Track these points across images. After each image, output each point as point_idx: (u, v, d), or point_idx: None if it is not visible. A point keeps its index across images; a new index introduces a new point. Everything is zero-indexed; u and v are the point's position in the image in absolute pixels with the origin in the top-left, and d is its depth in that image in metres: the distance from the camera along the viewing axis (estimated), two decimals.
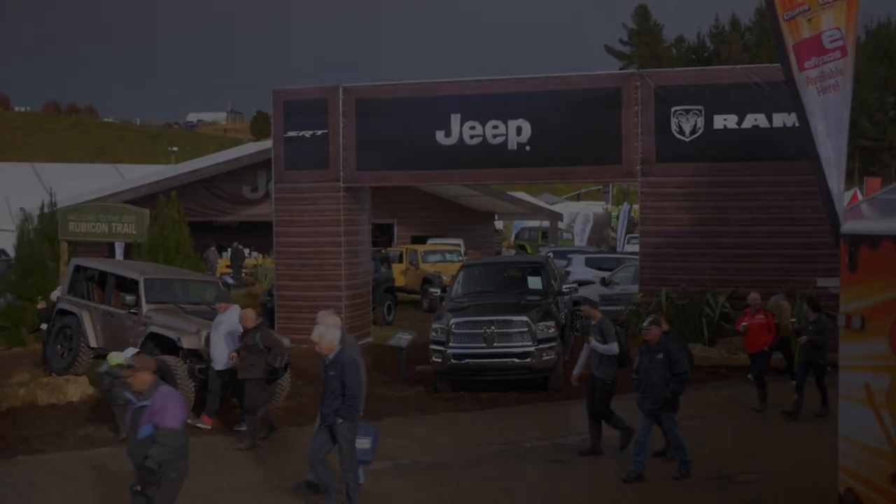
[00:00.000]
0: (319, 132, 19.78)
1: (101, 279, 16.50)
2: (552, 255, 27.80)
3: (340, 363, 8.74)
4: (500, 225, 49.53)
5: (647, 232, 18.63)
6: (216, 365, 12.93)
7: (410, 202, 34.23)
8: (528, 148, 18.69)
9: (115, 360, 12.17)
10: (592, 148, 18.44)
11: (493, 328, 14.80)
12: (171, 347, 13.88)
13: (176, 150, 78.47)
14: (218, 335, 12.95)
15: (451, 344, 14.91)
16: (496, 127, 18.80)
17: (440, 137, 19.10)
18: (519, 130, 18.70)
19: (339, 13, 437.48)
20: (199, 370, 13.36)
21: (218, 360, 12.90)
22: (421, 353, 16.67)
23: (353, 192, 20.08)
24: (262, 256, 36.79)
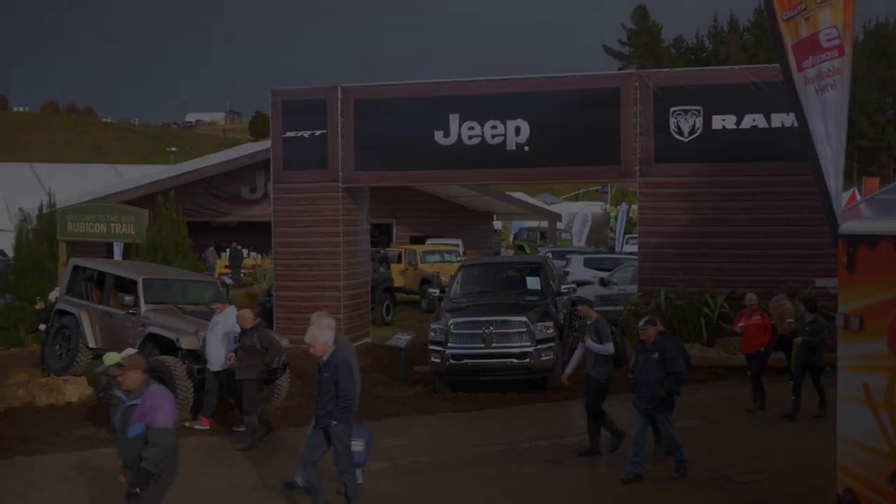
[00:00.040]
0: (318, 132, 19.77)
1: (99, 279, 16.48)
2: (551, 255, 27.83)
3: (334, 364, 8.73)
4: (498, 225, 49.53)
5: (645, 232, 18.63)
6: (212, 366, 12.91)
7: (409, 202, 34.22)
8: (526, 148, 18.70)
9: (111, 360, 12.12)
10: (591, 148, 18.45)
11: (491, 328, 14.81)
12: (169, 348, 13.87)
13: (175, 150, 78.50)
14: (214, 336, 12.94)
15: (449, 344, 14.91)
16: (495, 127, 18.81)
17: (439, 138, 19.10)
18: (517, 131, 18.70)
19: (338, 13, 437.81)
20: (197, 370, 13.35)
21: (214, 360, 12.88)
22: (420, 353, 16.67)
23: (351, 192, 20.08)
24: (260, 257, 36.77)
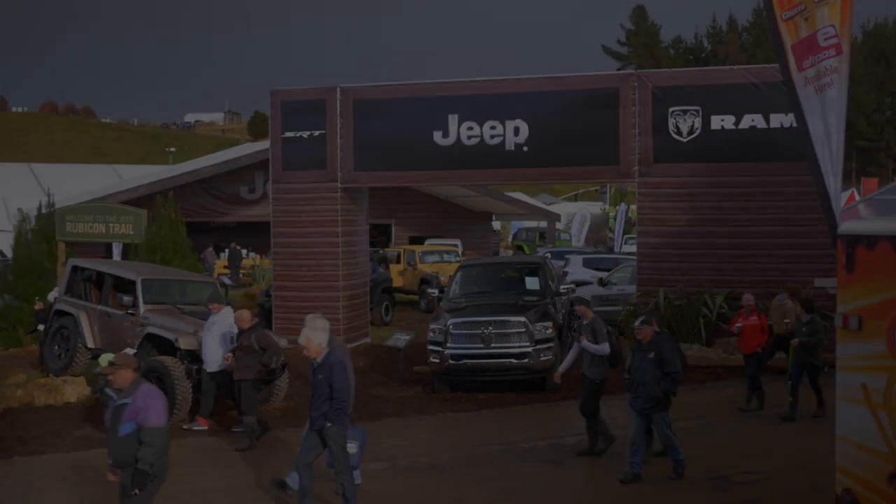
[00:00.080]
0: (317, 133, 19.76)
1: (98, 280, 16.47)
2: (550, 255, 27.82)
3: (328, 366, 8.71)
4: (497, 225, 49.50)
5: (644, 232, 18.63)
6: (209, 366, 12.90)
7: (408, 203, 34.22)
8: (525, 148, 18.70)
9: (107, 360, 12.13)
10: (590, 148, 18.45)
11: (490, 329, 14.80)
12: (168, 348, 13.87)
13: (173, 150, 78.56)
14: (211, 336, 12.93)
15: (448, 344, 14.90)
16: (494, 127, 18.81)
17: (438, 138, 19.09)
18: (516, 131, 18.70)
19: (338, 13, 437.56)
20: (196, 371, 13.34)
21: (211, 361, 12.88)
22: (419, 353, 16.66)
23: (350, 192, 20.07)
24: (259, 257, 36.78)
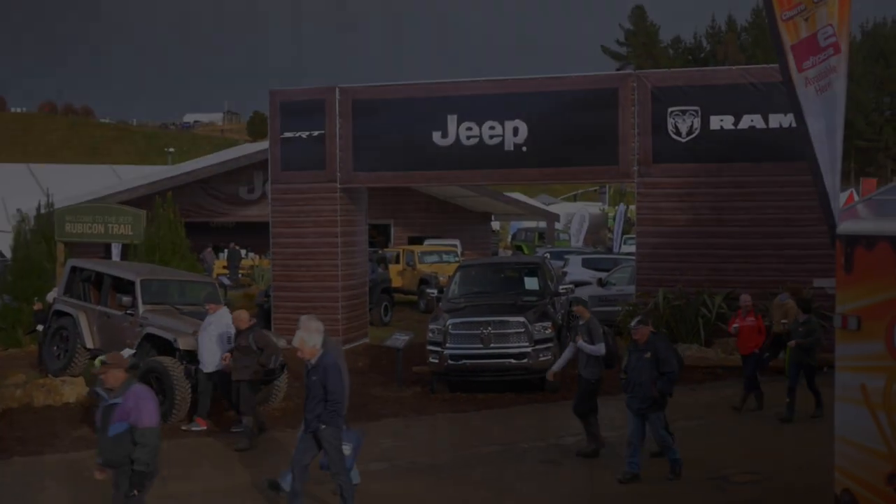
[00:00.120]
0: (316, 133, 19.76)
1: (97, 280, 16.47)
2: (549, 255, 27.83)
3: (322, 368, 8.70)
4: (496, 226, 49.51)
5: (643, 232, 18.63)
6: (205, 367, 12.90)
7: (407, 203, 34.22)
8: (524, 149, 18.70)
9: (100, 362, 12.13)
10: (589, 149, 18.46)
11: (489, 329, 14.79)
12: (167, 349, 13.87)
13: (172, 150, 78.57)
14: (207, 337, 12.93)
15: (447, 345, 14.89)
16: (493, 128, 18.81)
17: (437, 138, 19.09)
18: (515, 131, 18.70)
19: (338, 13, 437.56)
20: (195, 371, 13.34)
21: (207, 361, 12.87)
22: (418, 353, 16.65)
23: (349, 192, 20.07)
24: (258, 257, 36.78)
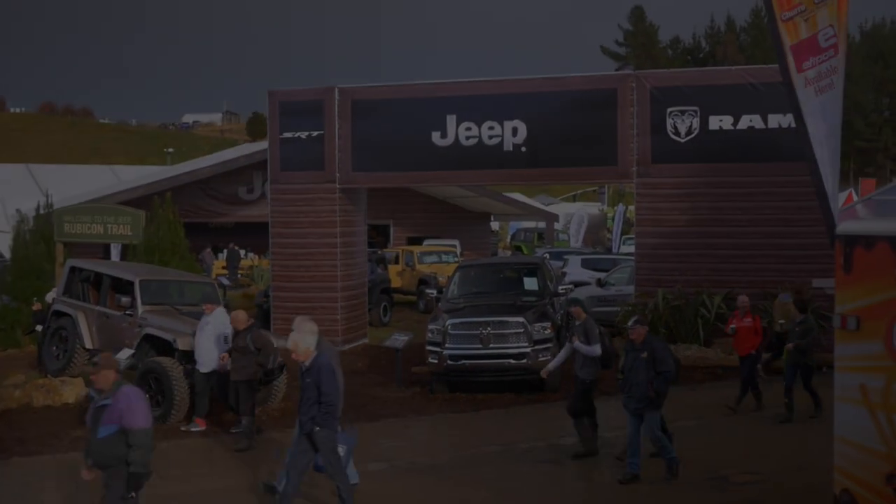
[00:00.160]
0: (315, 133, 19.77)
1: (96, 280, 16.48)
2: (548, 255, 27.86)
3: (316, 370, 8.68)
4: (496, 226, 49.53)
5: (642, 233, 18.64)
6: (202, 367, 12.90)
7: (406, 203, 34.20)
8: (523, 149, 18.71)
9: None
10: (588, 149, 18.47)
11: (489, 329, 14.79)
12: (166, 349, 13.86)
13: (172, 151, 78.57)
14: (204, 336, 12.92)
15: (447, 345, 14.89)
16: (492, 128, 18.81)
17: (436, 138, 19.10)
18: (515, 131, 18.71)
19: (338, 13, 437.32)
20: (193, 371, 13.32)
21: (204, 361, 12.87)
22: (417, 354, 16.65)
23: (349, 193, 20.07)
24: (258, 257, 36.78)
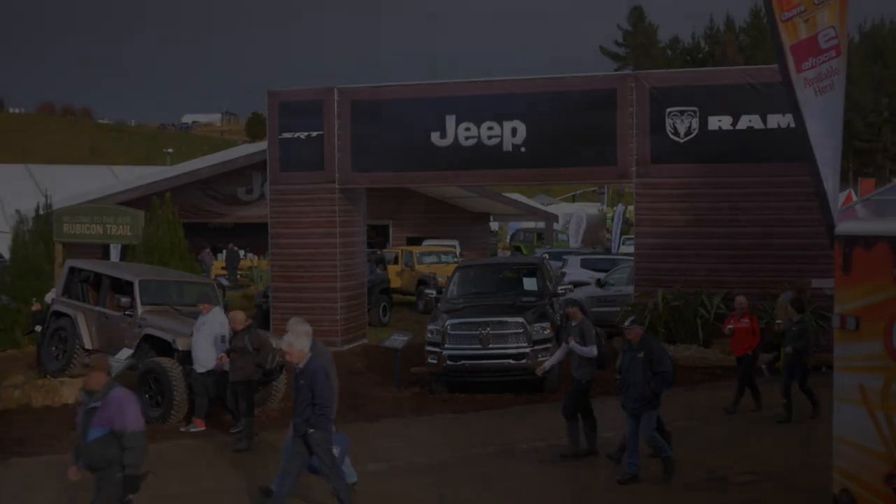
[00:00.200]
0: (314, 133, 19.77)
1: (95, 281, 16.47)
2: (548, 256, 27.85)
3: (310, 372, 8.68)
4: (495, 226, 49.53)
5: (641, 233, 18.64)
6: (199, 367, 12.90)
7: (406, 203, 34.23)
8: (523, 149, 18.71)
9: None
10: (587, 149, 18.48)
11: (488, 329, 14.79)
12: (166, 349, 13.86)
13: (171, 151, 78.53)
14: (201, 337, 12.92)
15: (446, 345, 14.89)
16: (491, 128, 18.81)
17: (435, 139, 19.10)
18: (514, 132, 18.71)
19: (338, 13, 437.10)
20: (192, 371, 13.32)
21: (201, 362, 12.86)
22: (416, 354, 16.65)
23: (348, 193, 20.07)
24: (257, 258, 36.76)
